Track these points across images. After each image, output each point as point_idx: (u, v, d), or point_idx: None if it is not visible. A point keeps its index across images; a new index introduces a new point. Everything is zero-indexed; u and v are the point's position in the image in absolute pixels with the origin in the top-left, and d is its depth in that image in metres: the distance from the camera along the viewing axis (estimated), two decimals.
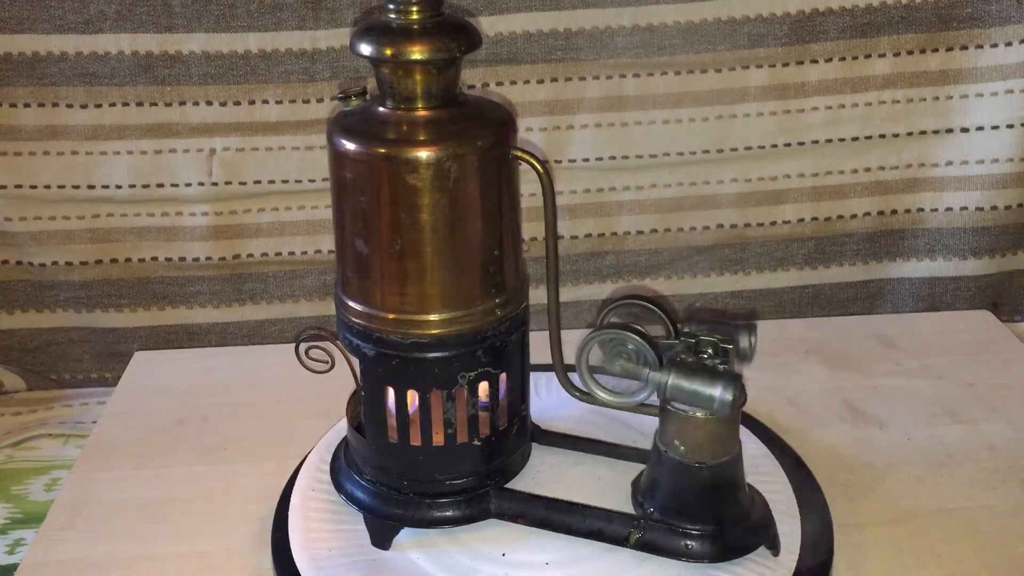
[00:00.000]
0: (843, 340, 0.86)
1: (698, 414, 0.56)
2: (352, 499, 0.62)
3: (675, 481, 0.58)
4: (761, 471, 0.65)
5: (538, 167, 0.56)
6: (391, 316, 0.56)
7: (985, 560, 0.61)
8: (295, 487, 0.66)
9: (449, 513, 0.60)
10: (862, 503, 0.66)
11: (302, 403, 0.78)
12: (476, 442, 0.60)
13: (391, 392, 0.58)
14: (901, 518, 0.65)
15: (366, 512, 0.61)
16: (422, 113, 0.55)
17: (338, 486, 0.64)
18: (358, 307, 0.57)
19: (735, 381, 0.55)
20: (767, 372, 0.81)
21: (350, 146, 0.54)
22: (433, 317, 0.56)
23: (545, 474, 0.65)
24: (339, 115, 0.57)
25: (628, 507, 0.61)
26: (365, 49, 0.54)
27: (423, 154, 0.53)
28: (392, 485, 0.61)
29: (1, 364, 0.94)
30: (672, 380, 0.56)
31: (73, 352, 0.95)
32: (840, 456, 0.71)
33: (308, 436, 0.71)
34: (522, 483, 0.63)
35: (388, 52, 0.53)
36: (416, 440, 0.59)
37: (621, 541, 0.58)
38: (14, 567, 0.64)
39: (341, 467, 0.64)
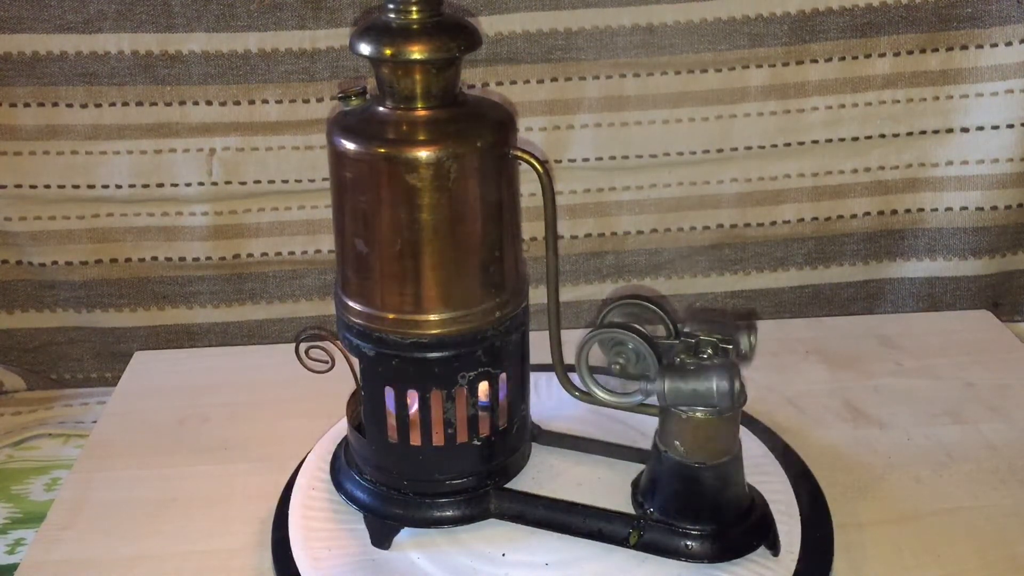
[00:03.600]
0: (843, 340, 0.86)
1: (698, 414, 0.55)
2: (352, 499, 0.62)
3: (675, 481, 0.57)
4: (761, 471, 0.65)
5: (538, 167, 0.56)
6: (391, 316, 0.56)
7: (985, 560, 0.61)
8: (295, 487, 0.66)
9: (449, 513, 0.60)
10: (862, 503, 0.66)
11: (302, 403, 0.78)
12: (476, 442, 0.60)
13: (391, 392, 0.58)
14: (901, 518, 0.65)
15: (366, 512, 0.61)
16: (422, 113, 0.55)
17: (338, 486, 0.64)
18: (358, 307, 0.57)
19: (730, 370, 0.55)
20: (767, 372, 0.81)
21: (350, 146, 0.54)
22: (433, 317, 0.56)
23: (545, 474, 0.65)
24: (339, 115, 0.57)
25: (628, 507, 0.61)
26: (365, 49, 0.54)
27: (423, 154, 0.53)
28: (392, 485, 0.61)
29: (1, 364, 0.94)
30: (669, 385, 0.55)
31: (73, 352, 0.95)
32: (840, 456, 0.71)
33: (308, 436, 0.71)
34: (522, 483, 0.63)
35: (388, 52, 0.53)
36: (416, 440, 0.59)
37: (621, 541, 0.58)
38: (14, 567, 0.64)
39: (341, 467, 0.64)
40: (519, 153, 0.56)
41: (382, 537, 0.60)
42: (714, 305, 0.95)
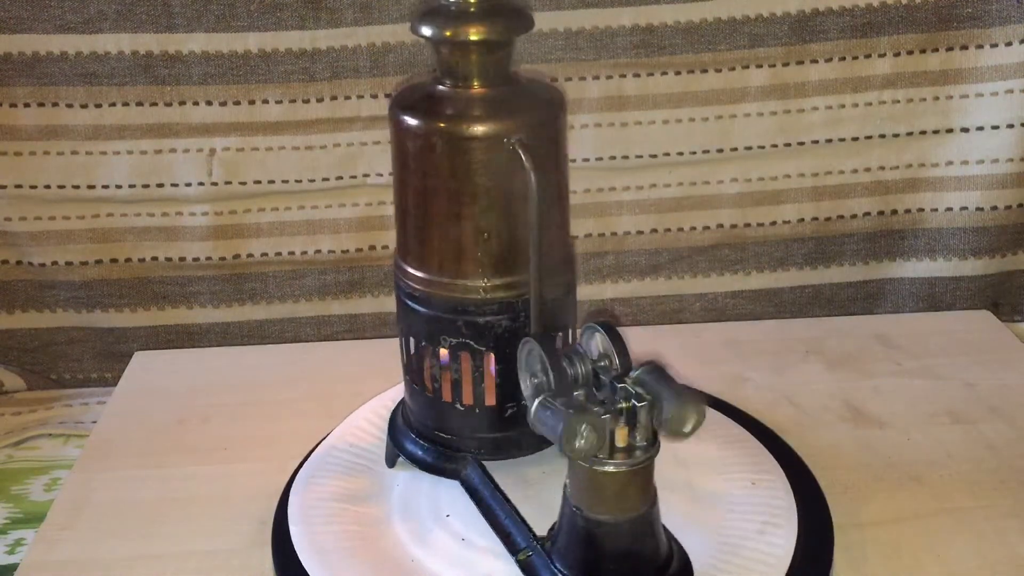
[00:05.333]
0: (843, 340, 0.86)
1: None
2: (391, 418, 0.67)
3: (564, 517, 0.55)
4: (761, 471, 0.65)
5: (527, 163, 0.56)
6: (403, 265, 0.61)
7: (985, 560, 0.61)
8: (294, 486, 0.66)
9: (427, 458, 0.64)
10: (862, 503, 0.66)
11: (302, 403, 0.78)
12: (459, 406, 0.61)
13: (402, 333, 0.62)
14: (901, 518, 0.65)
15: (389, 432, 0.66)
16: (478, 91, 0.58)
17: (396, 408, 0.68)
18: (398, 254, 0.62)
19: (586, 422, 0.49)
20: (767, 372, 0.81)
21: (412, 121, 0.57)
22: (425, 275, 0.59)
23: (553, 470, 0.64)
24: (401, 92, 0.60)
25: None
26: (426, 30, 0.56)
27: (478, 129, 0.56)
28: (406, 416, 0.65)
29: (1, 364, 0.94)
30: (536, 408, 0.51)
31: (73, 352, 0.95)
32: (840, 456, 0.71)
33: (308, 436, 0.71)
34: (521, 469, 0.64)
35: (447, 33, 0.56)
36: (416, 382, 0.62)
37: (515, 552, 0.58)
38: (14, 567, 0.64)
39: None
40: (516, 146, 0.56)
41: (390, 457, 0.66)
42: (714, 305, 0.95)
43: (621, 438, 0.52)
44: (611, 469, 0.52)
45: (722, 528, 0.60)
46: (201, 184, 0.88)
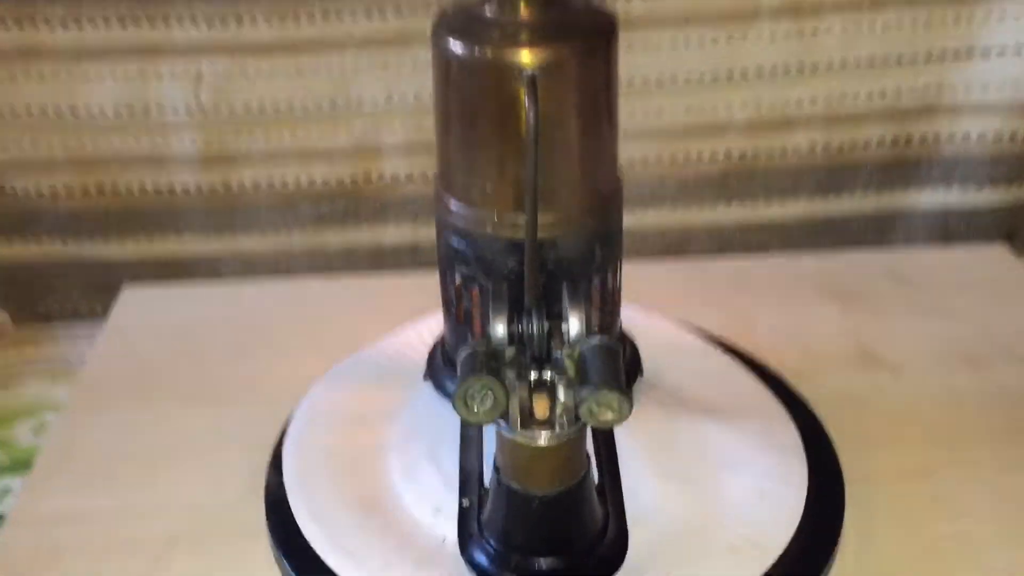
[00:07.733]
0: (854, 277, 0.84)
1: None
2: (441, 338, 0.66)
3: (492, 475, 0.53)
4: (769, 419, 0.64)
5: (528, 101, 0.52)
6: (441, 192, 0.58)
7: (1000, 514, 0.60)
8: (289, 434, 0.64)
9: (441, 379, 0.63)
10: (873, 453, 0.64)
11: (297, 344, 0.77)
12: (470, 336, 0.59)
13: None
14: (913, 469, 0.63)
15: (431, 349, 0.65)
16: (525, 15, 0.54)
17: None
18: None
19: (471, 383, 0.45)
20: (774, 310, 0.79)
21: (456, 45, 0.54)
22: (452, 202, 0.57)
23: None
24: (444, 17, 0.56)
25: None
26: None
27: (525, 54, 0.52)
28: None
29: None
30: (461, 357, 0.48)
31: (60, 285, 0.92)
32: (850, 402, 0.68)
33: (306, 379, 0.69)
34: None
35: None
36: (444, 303, 0.61)
37: (464, 500, 0.56)
38: (1, 518, 0.63)
39: None
40: (525, 80, 0.53)
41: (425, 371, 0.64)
42: (720, 237, 0.92)
43: (541, 410, 0.49)
44: (520, 440, 0.48)
45: (730, 481, 0.59)
46: (188, 110, 0.85)
